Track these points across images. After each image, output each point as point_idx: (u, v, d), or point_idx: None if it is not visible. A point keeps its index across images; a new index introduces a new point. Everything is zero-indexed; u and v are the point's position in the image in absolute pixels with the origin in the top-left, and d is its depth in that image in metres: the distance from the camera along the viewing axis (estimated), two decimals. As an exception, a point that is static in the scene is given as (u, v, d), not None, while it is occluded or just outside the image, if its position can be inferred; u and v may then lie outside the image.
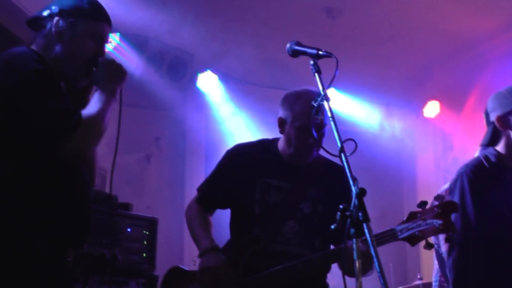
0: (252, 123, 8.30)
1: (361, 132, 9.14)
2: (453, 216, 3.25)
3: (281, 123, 3.49)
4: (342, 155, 2.40)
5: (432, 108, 9.35)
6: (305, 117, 3.34)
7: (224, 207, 3.64)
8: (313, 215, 3.39)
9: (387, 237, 2.86)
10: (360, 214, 2.22)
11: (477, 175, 3.50)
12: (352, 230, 2.23)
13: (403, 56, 8.86)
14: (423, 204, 2.79)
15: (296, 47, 2.80)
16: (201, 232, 3.50)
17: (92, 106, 2.77)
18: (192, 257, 6.37)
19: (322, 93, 2.58)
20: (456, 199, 3.45)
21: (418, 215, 2.78)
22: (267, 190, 3.41)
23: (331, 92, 8.76)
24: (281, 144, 3.54)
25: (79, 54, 2.87)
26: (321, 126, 3.29)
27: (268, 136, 3.74)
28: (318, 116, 2.72)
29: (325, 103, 2.57)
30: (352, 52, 8.42)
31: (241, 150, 3.61)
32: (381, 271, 2.11)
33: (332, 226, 2.27)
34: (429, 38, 8.42)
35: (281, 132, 3.51)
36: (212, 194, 3.63)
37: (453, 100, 9.10)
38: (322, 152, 3.39)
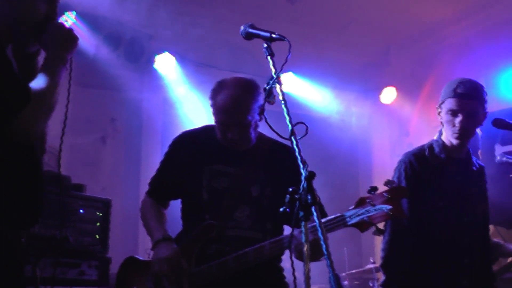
0: (208, 106, 8.25)
1: (318, 116, 9.19)
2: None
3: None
4: (293, 138, 2.39)
5: (388, 94, 9.43)
6: (223, 112, 3.33)
7: (175, 198, 3.61)
8: (262, 197, 3.39)
9: (337, 223, 2.86)
10: (309, 197, 2.22)
11: (414, 163, 3.61)
12: (301, 213, 2.23)
13: (360, 42, 8.90)
14: (373, 189, 2.77)
15: (250, 30, 2.78)
16: (153, 224, 3.47)
17: (41, 78, 2.56)
18: (146, 249, 6.36)
19: (274, 76, 2.56)
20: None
21: (368, 200, 2.76)
22: (214, 176, 3.40)
23: (289, 76, 8.78)
24: None
25: (29, 16, 2.64)
26: (229, 128, 3.32)
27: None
28: (270, 99, 2.71)
29: (277, 86, 2.55)
30: (310, 37, 8.44)
31: (186, 139, 3.58)
32: (328, 254, 2.12)
33: (281, 209, 2.27)
34: (387, 24, 8.47)
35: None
36: (162, 185, 3.61)
37: (409, 87, 9.18)
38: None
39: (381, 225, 2.86)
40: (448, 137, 3.64)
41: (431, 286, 3.54)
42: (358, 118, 9.68)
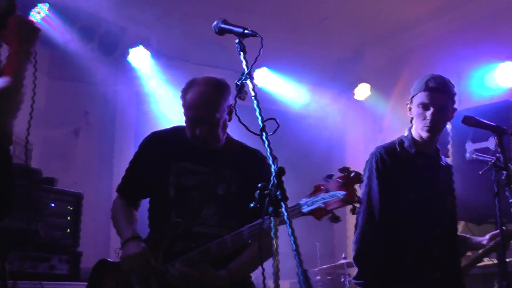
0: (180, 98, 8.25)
1: (292, 112, 9.21)
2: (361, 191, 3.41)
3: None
4: (263, 134, 2.39)
5: (362, 90, 9.47)
6: (193, 108, 3.34)
7: (145, 196, 3.63)
8: (228, 195, 3.41)
9: (293, 212, 2.84)
10: (278, 192, 2.23)
11: (385, 158, 3.66)
12: (271, 209, 2.24)
13: (335, 38, 8.93)
14: (329, 177, 2.73)
15: (222, 25, 2.77)
16: (122, 224, 3.48)
17: (5, 75, 2.49)
18: (115, 249, 6.32)
19: (246, 71, 2.56)
20: (364, 178, 3.69)
21: (322, 187, 2.70)
22: (181, 174, 3.41)
23: (264, 71, 8.79)
24: None
25: None
26: (199, 124, 3.33)
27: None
28: (241, 94, 2.70)
29: (248, 82, 2.55)
30: (285, 32, 8.45)
31: (155, 138, 3.59)
32: (297, 250, 2.13)
33: (251, 205, 2.28)
34: (361, 21, 8.51)
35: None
36: (131, 185, 3.62)
37: (383, 83, 9.22)
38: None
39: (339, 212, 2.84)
40: (419, 131, 3.68)
41: (404, 279, 3.57)
42: (332, 114, 9.71)
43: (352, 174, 2.72)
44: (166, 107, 8.28)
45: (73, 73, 7.65)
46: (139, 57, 8.11)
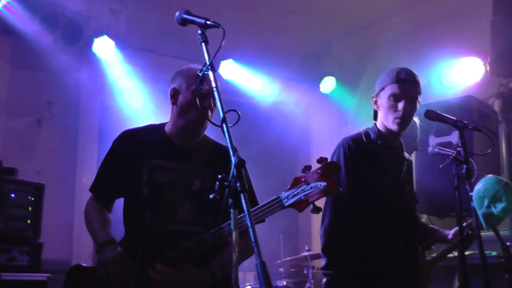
0: (146, 91, 8.21)
1: (257, 104, 9.21)
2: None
3: (175, 94, 3.44)
4: (224, 125, 2.39)
5: (328, 84, 9.49)
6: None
7: (118, 196, 3.57)
8: (203, 191, 3.38)
9: (274, 206, 2.85)
10: (238, 184, 2.22)
11: (353, 148, 3.67)
12: (230, 200, 2.24)
13: (302, 31, 8.94)
14: (306, 168, 2.77)
15: (185, 16, 2.75)
16: (96, 227, 3.41)
17: None
18: (90, 255, 6.30)
19: (207, 62, 2.55)
20: None
21: (302, 179, 2.75)
22: (154, 171, 3.36)
23: (230, 63, 8.77)
24: (169, 127, 3.49)
25: None
26: (206, 96, 3.28)
27: (161, 103, 3.67)
28: (203, 85, 2.68)
29: (210, 73, 2.54)
30: (252, 24, 8.44)
31: (128, 135, 3.54)
32: (256, 242, 2.13)
33: (211, 196, 2.27)
34: (328, 15, 8.54)
35: (173, 103, 3.45)
36: (104, 184, 3.55)
37: (349, 77, 9.26)
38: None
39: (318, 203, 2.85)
40: (388, 123, 3.69)
41: (370, 270, 3.59)
42: (298, 107, 9.72)
43: (330, 165, 2.73)
44: (131, 97, 8.22)
45: (36, 62, 7.55)
46: (104, 47, 8.02)
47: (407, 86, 3.64)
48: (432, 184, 5.70)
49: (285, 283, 7.03)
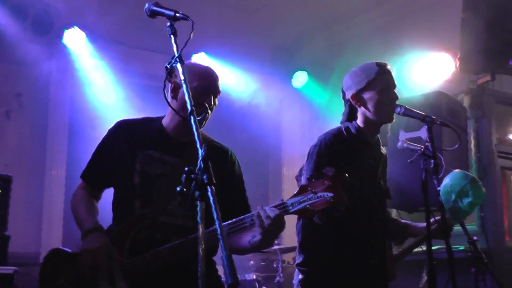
0: (117, 83, 8.16)
1: (229, 99, 9.19)
2: None
3: (175, 88, 3.38)
4: (191, 117, 2.38)
5: (300, 78, 9.51)
6: (207, 76, 3.38)
7: (108, 185, 3.52)
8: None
9: (280, 210, 2.86)
10: (205, 177, 2.22)
11: (334, 143, 3.66)
12: (197, 193, 2.23)
13: (274, 26, 8.94)
14: (313, 177, 2.81)
15: (154, 8, 2.74)
16: (83, 214, 3.35)
17: None
18: (76, 242, 6.22)
19: (176, 55, 2.54)
20: (311, 164, 3.66)
21: (309, 188, 2.77)
22: (148, 162, 3.32)
23: (201, 57, 8.75)
24: (166, 120, 3.46)
25: None
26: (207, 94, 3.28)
27: (130, 95, 3.64)
28: (171, 78, 2.68)
29: (178, 65, 2.54)
30: (224, 18, 8.42)
31: (123, 125, 3.49)
32: (222, 234, 2.14)
33: (178, 189, 2.26)
34: (301, 9, 8.54)
35: (173, 97, 3.40)
36: (96, 171, 3.50)
37: (321, 71, 9.28)
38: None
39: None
40: (382, 117, 3.70)
41: (342, 266, 3.61)
42: (270, 101, 9.72)
43: (338, 176, 2.75)
44: (101, 90, 8.16)
45: (5, 53, 7.48)
46: (74, 39, 7.95)
47: (392, 77, 3.72)
48: (401, 179, 5.74)
49: (254, 277, 7.03)
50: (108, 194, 3.52)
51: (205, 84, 3.33)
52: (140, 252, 3.15)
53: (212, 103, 3.30)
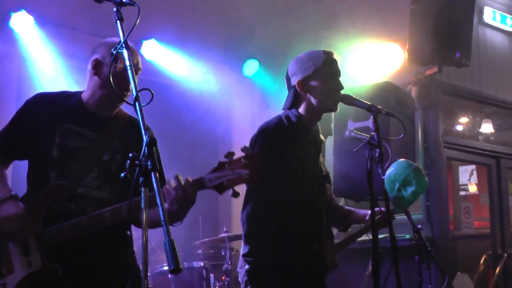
0: (66, 68, 8.04)
1: (179, 86, 9.16)
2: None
3: (97, 64, 3.36)
4: (137, 104, 2.38)
5: (251, 67, 9.52)
6: (136, 55, 3.34)
7: (23, 157, 3.48)
8: (112, 162, 3.36)
9: (197, 185, 2.92)
10: (149, 163, 2.22)
11: (275, 132, 3.68)
12: (141, 179, 2.24)
13: (225, 13, 8.93)
14: (230, 155, 2.90)
15: (101, -7, 2.72)
16: None
17: None
18: None
19: (122, 40, 2.53)
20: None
21: (227, 165, 2.88)
22: (68, 135, 3.32)
23: (152, 43, 8.68)
24: (86, 95, 3.44)
25: None
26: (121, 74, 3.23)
27: (77, 80, 3.59)
28: (117, 64, 2.66)
29: (124, 51, 2.52)
30: (175, 4, 8.37)
31: (42, 97, 3.46)
32: (165, 220, 2.14)
33: (122, 175, 2.27)
34: (253, -2, 8.55)
35: (95, 74, 3.38)
36: (11, 142, 3.44)
37: (272, 60, 9.29)
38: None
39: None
40: (328, 105, 3.73)
41: (288, 254, 3.63)
42: (220, 89, 9.70)
43: (252, 155, 2.84)
44: (49, 74, 8.03)
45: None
46: (22, 23, 7.80)
47: (337, 66, 3.74)
48: (349, 168, 5.81)
49: (202, 264, 7.03)
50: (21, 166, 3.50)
51: (137, 62, 3.33)
52: (54, 222, 3.15)
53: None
